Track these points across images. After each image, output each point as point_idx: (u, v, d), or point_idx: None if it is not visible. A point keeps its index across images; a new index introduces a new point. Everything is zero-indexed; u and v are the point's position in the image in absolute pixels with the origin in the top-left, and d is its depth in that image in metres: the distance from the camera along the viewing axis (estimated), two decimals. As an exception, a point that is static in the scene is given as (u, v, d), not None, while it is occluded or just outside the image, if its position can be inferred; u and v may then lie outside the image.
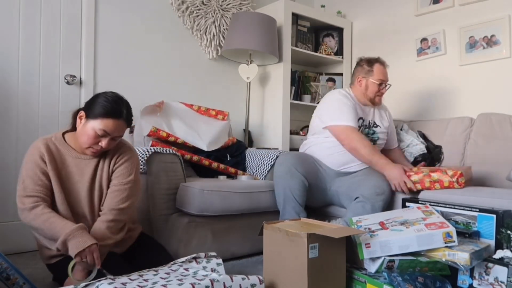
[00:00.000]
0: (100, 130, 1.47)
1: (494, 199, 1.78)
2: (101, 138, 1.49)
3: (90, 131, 1.48)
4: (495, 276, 1.47)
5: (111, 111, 1.49)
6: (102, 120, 1.47)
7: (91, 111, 1.50)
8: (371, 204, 2.00)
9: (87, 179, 1.55)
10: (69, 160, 1.54)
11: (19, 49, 2.32)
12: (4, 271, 1.43)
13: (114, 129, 1.49)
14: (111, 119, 1.48)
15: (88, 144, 1.50)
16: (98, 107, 1.49)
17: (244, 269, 2.02)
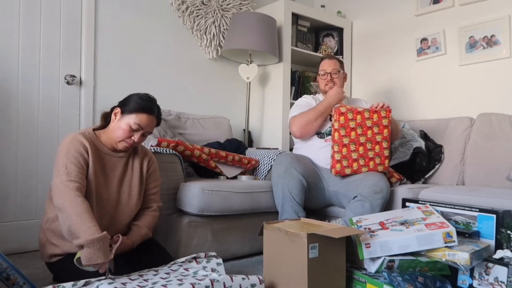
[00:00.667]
0: (135, 124, 1.57)
1: (494, 199, 1.78)
2: (134, 132, 1.59)
3: (125, 125, 1.57)
4: (495, 276, 1.47)
5: (145, 107, 1.59)
6: (137, 115, 1.58)
7: (127, 107, 1.60)
8: (370, 203, 2.00)
9: (118, 174, 1.63)
10: (102, 155, 1.61)
11: (19, 49, 2.32)
12: (4, 271, 1.43)
13: (147, 124, 1.60)
14: (145, 114, 1.59)
15: (123, 137, 1.58)
16: (133, 104, 1.60)
17: (244, 269, 2.02)
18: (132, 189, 1.66)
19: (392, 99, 3.22)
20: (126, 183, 1.65)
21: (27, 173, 2.33)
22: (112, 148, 1.63)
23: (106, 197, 1.58)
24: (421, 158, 2.51)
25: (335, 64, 2.45)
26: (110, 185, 1.60)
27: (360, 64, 3.50)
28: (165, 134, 2.49)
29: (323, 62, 2.48)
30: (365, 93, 3.37)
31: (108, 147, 1.63)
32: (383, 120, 2.14)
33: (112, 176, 1.61)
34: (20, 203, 2.30)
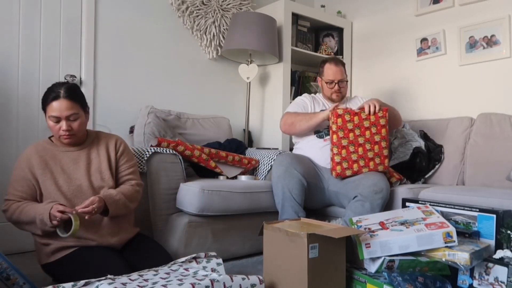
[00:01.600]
0: (51, 117, 1.58)
1: (494, 199, 1.78)
2: (58, 124, 1.59)
3: (49, 122, 1.60)
4: (495, 276, 1.47)
5: (48, 97, 1.58)
6: (47, 108, 1.58)
7: (43, 106, 1.61)
8: (370, 203, 2.01)
9: (83, 165, 1.66)
10: (60, 154, 1.65)
11: (19, 49, 2.32)
12: (4, 271, 1.43)
13: (59, 110, 1.56)
14: (51, 103, 1.57)
15: (56, 133, 1.61)
16: (43, 100, 1.61)
17: (244, 269, 2.02)
18: (103, 173, 1.68)
19: (392, 99, 3.22)
20: (95, 170, 1.68)
21: (27, 173, 2.33)
22: (68, 146, 1.67)
23: (73, 188, 1.61)
24: (421, 158, 2.51)
25: (342, 73, 2.41)
26: (75, 177, 1.63)
27: (360, 64, 3.50)
28: (165, 134, 2.49)
29: (328, 68, 2.41)
30: (365, 93, 3.37)
31: (63, 146, 1.67)
32: (380, 120, 2.14)
33: (76, 169, 1.64)
34: (20, 203, 2.30)
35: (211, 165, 2.33)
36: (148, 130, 2.40)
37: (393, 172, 2.30)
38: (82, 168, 1.65)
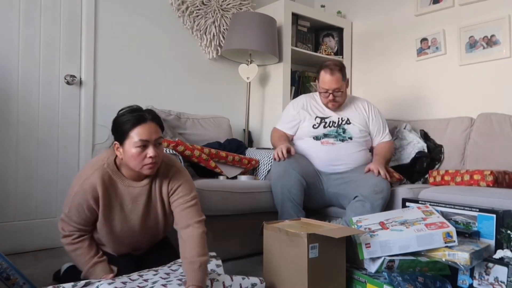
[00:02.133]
0: (138, 142, 1.40)
1: (494, 199, 1.78)
2: (145, 150, 1.41)
3: (133, 150, 1.40)
4: (495, 276, 1.47)
5: (136, 119, 1.41)
6: (133, 133, 1.40)
7: (120, 135, 1.44)
8: (370, 203, 2.01)
9: (142, 203, 1.51)
10: (122, 188, 1.49)
11: (19, 49, 2.32)
12: (4, 271, 1.43)
13: (148, 133, 1.41)
14: (139, 126, 1.41)
15: (140, 163, 1.42)
16: (121, 127, 1.43)
17: (244, 269, 2.02)
18: (158, 213, 1.56)
19: (392, 99, 3.22)
20: (152, 209, 1.54)
21: (27, 173, 2.33)
22: (135, 178, 1.50)
23: (126, 229, 1.52)
24: (422, 161, 2.51)
25: (338, 81, 2.24)
26: (130, 217, 1.51)
27: (360, 64, 3.50)
28: (165, 134, 2.49)
29: (323, 76, 2.26)
30: (365, 93, 3.37)
31: (130, 178, 1.50)
32: None
33: (135, 208, 1.51)
34: (20, 203, 2.30)
35: (211, 165, 2.33)
36: (148, 130, 2.39)
37: (393, 172, 2.30)
38: (141, 206, 1.51)
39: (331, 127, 2.32)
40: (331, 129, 2.31)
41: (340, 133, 2.31)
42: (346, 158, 2.26)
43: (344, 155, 2.26)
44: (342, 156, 2.26)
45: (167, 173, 1.53)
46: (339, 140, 2.27)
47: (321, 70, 2.29)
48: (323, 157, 2.27)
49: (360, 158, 2.29)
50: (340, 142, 2.28)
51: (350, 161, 2.26)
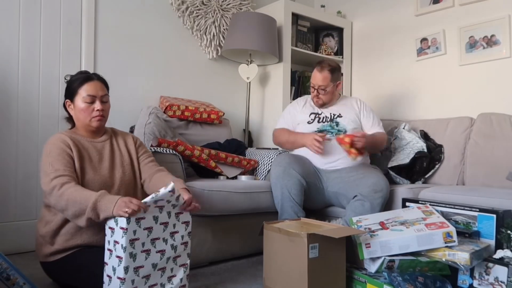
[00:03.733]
0: (86, 98, 1.61)
1: (494, 199, 1.78)
2: (92, 104, 1.62)
3: (82, 105, 1.61)
4: (495, 276, 1.47)
5: (83, 78, 1.63)
6: (81, 90, 1.62)
7: (70, 93, 1.64)
8: (370, 202, 2.01)
9: (107, 157, 1.67)
10: (86, 143, 1.65)
11: (19, 49, 2.32)
12: (4, 271, 1.43)
13: (95, 89, 1.63)
14: (86, 83, 1.62)
15: (88, 115, 1.62)
16: (71, 86, 1.64)
17: (244, 269, 2.02)
18: (125, 167, 1.70)
19: (392, 99, 3.22)
20: (118, 163, 1.69)
21: (27, 173, 2.33)
22: (91, 136, 1.68)
23: (99, 181, 1.59)
24: (422, 161, 2.51)
25: (323, 80, 2.32)
26: (101, 169, 1.63)
27: (360, 64, 3.50)
28: (166, 134, 2.49)
29: (314, 72, 2.37)
30: (365, 93, 3.38)
31: (88, 137, 1.67)
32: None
33: (101, 161, 1.65)
34: (20, 203, 2.30)
35: (211, 165, 2.33)
36: (148, 130, 2.40)
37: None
38: (107, 160, 1.66)
39: (325, 122, 2.37)
40: (325, 124, 2.36)
41: (334, 126, 2.34)
42: (343, 153, 2.23)
43: (340, 149, 2.24)
44: (339, 151, 2.24)
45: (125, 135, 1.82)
46: (335, 135, 2.29)
47: (315, 67, 2.40)
48: (324, 156, 2.27)
49: None
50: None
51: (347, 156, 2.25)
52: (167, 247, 1.47)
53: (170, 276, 1.49)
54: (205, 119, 2.77)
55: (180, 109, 2.64)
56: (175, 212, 1.51)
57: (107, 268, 1.40)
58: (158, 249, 1.44)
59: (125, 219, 1.34)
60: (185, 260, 1.54)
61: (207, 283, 1.79)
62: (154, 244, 1.43)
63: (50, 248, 1.56)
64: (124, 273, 1.34)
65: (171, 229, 1.49)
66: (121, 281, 1.34)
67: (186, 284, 1.54)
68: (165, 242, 1.47)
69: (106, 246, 1.41)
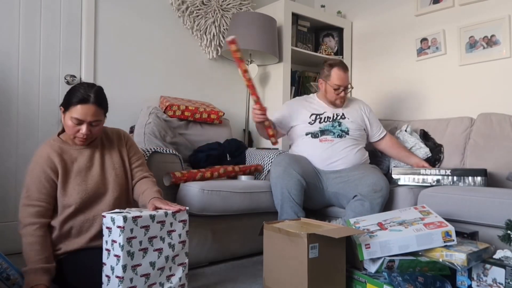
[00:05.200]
0: (73, 119, 1.54)
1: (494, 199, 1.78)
2: (79, 126, 1.55)
3: (68, 122, 1.55)
4: (493, 277, 1.47)
5: (79, 98, 1.54)
6: (73, 108, 1.54)
7: (65, 104, 1.57)
8: (369, 202, 2.01)
9: (97, 162, 1.65)
10: (75, 153, 1.62)
11: (19, 49, 2.32)
12: (4, 271, 1.43)
13: (85, 114, 1.54)
14: (79, 105, 1.53)
15: (72, 133, 1.57)
16: (68, 97, 1.57)
17: (244, 269, 2.02)
18: (117, 169, 1.68)
19: (392, 99, 3.22)
20: (109, 166, 1.67)
21: (27, 173, 2.33)
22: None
23: (92, 188, 1.59)
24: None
25: (348, 79, 2.40)
26: (92, 176, 1.62)
27: (360, 64, 3.50)
28: (165, 134, 2.49)
29: (336, 73, 2.35)
30: (365, 93, 3.37)
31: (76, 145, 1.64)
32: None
33: (91, 166, 1.63)
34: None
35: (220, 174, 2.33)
36: (148, 130, 2.40)
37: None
38: (98, 165, 1.64)
39: (326, 122, 2.36)
40: (326, 124, 2.36)
41: (336, 126, 2.34)
42: (344, 154, 2.28)
43: (342, 151, 2.28)
44: (340, 153, 2.28)
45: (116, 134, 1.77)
46: (337, 137, 2.30)
47: (334, 68, 2.37)
48: (321, 154, 2.28)
49: (357, 155, 2.31)
50: (338, 139, 2.30)
51: (348, 157, 2.28)
52: (165, 246, 1.48)
53: (169, 275, 1.50)
54: (205, 119, 2.77)
55: (180, 109, 2.64)
56: (171, 211, 1.51)
57: (106, 268, 1.40)
58: (156, 248, 1.45)
59: (122, 217, 1.35)
60: (183, 259, 1.55)
61: (207, 283, 1.79)
62: (151, 243, 1.43)
63: None
64: (123, 272, 1.34)
65: (168, 228, 1.49)
66: (119, 280, 1.34)
67: (185, 283, 1.55)
68: (163, 241, 1.47)
69: (104, 246, 1.42)
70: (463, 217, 1.85)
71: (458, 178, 2.11)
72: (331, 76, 2.37)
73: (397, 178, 2.25)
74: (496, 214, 1.73)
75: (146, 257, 1.42)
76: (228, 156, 2.63)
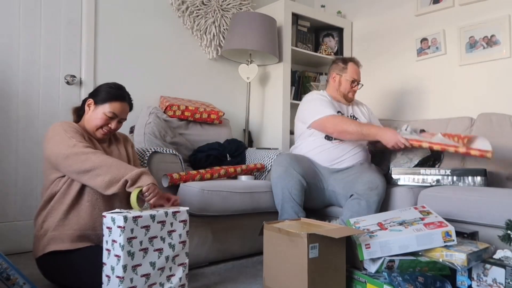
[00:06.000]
0: (110, 113, 1.67)
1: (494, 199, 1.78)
2: (111, 120, 1.69)
3: (101, 115, 1.66)
4: (493, 277, 1.47)
5: (117, 95, 1.70)
6: (110, 104, 1.67)
7: (99, 98, 1.69)
8: (365, 200, 2.01)
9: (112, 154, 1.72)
10: (97, 145, 1.70)
11: (19, 49, 2.32)
12: (4, 271, 1.43)
13: (121, 111, 1.70)
14: (118, 102, 1.69)
15: (101, 125, 1.67)
16: (104, 93, 1.69)
17: (244, 269, 2.02)
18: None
19: (392, 99, 3.22)
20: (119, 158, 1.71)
21: (27, 173, 2.33)
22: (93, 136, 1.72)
23: None
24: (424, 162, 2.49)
25: (360, 74, 2.48)
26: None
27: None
28: (166, 134, 2.49)
29: (353, 67, 2.43)
30: (365, 93, 3.36)
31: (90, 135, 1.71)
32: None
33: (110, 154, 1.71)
34: (20, 203, 2.31)
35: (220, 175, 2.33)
36: (148, 130, 2.40)
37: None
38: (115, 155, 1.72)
39: None
40: None
41: None
42: (351, 153, 2.31)
43: (349, 151, 2.31)
44: (348, 152, 2.31)
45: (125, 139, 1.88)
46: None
47: (350, 62, 2.45)
48: (330, 153, 2.29)
49: (361, 154, 2.34)
50: None
51: (354, 157, 2.31)
52: (165, 246, 1.48)
53: (169, 275, 1.50)
54: (205, 119, 2.77)
55: (180, 109, 2.64)
56: (172, 211, 1.51)
57: (106, 268, 1.40)
58: (156, 248, 1.45)
59: (122, 217, 1.35)
60: (183, 259, 1.55)
61: (207, 283, 1.79)
62: (152, 243, 1.43)
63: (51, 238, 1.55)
64: (123, 272, 1.34)
65: (169, 228, 1.49)
66: (120, 280, 1.34)
67: (185, 283, 1.55)
68: (163, 241, 1.47)
69: (104, 246, 1.42)
70: (463, 217, 1.85)
71: (458, 178, 2.11)
72: (347, 69, 2.43)
73: (397, 178, 2.25)
74: (496, 214, 1.73)
75: (147, 257, 1.42)
76: (228, 156, 2.64)
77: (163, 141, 2.42)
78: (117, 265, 1.35)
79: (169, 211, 1.50)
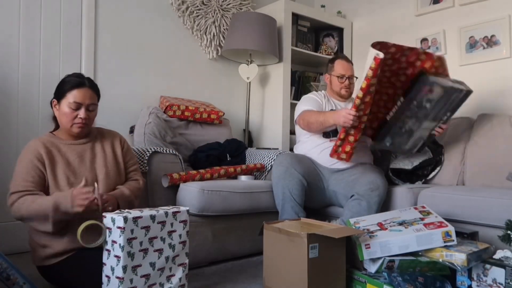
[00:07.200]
0: (72, 103, 1.58)
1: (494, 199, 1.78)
2: (77, 111, 1.59)
3: (66, 109, 1.59)
4: (493, 277, 1.47)
5: (74, 83, 1.60)
6: (70, 94, 1.58)
7: (59, 94, 1.61)
8: (366, 201, 2.01)
9: (87, 159, 1.65)
10: (64, 147, 1.63)
11: (19, 49, 2.32)
12: (4, 271, 1.43)
13: (83, 97, 1.59)
14: (76, 89, 1.59)
15: (70, 121, 1.60)
16: (62, 86, 1.61)
17: (244, 269, 2.02)
18: (109, 169, 1.68)
19: (392, 99, 3.22)
20: (100, 164, 1.66)
21: (27, 173, 2.33)
22: (72, 139, 1.66)
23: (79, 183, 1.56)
24: (424, 169, 2.49)
25: (352, 69, 2.43)
26: (79, 171, 1.61)
27: (360, 64, 3.48)
28: (166, 134, 2.49)
29: (339, 63, 2.41)
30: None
31: (68, 139, 1.65)
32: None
33: (81, 163, 1.63)
34: (20, 203, 2.30)
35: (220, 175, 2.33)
36: (148, 130, 2.40)
37: None
38: (87, 163, 1.64)
39: None
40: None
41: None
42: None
43: None
44: None
45: (113, 136, 1.78)
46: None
47: (336, 60, 2.44)
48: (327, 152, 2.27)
49: (362, 154, 2.32)
50: None
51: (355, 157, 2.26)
52: (165, 246, 1.48)
53: (169, 275, 1.50)
54: (205, 119, 2.77)
55: (180, 109, 2.64)
56: (172, 211, 1.51)
57: (106, 268, 1.40)
58: (156, 248, 1.45)
59: (122, 218, 1.35)
60: (183, 259, 1.55)
61: (207, 283, 1.79)
62: (152, 243, 1.43)
63: (44, 251, 1.55)
64: (123, 273, 1.34)
65: (169, 228, 1.49)
66: (120, 280, 1.34)
67: (185, 283, 1.55)
68: (163, 241, 1.47)
69: (104, 246, 1.42)
70: (463, 217, 1.85)
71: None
72: (334, 67, 2.43)
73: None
74: (496, 214, 1.73)
75: (147, 258, 1.41)
76: (228, 156, 2.63)
77: (163, 141, 2.42)
78: (117, 265, 1.35)
79: (169, 211, 1.50)
